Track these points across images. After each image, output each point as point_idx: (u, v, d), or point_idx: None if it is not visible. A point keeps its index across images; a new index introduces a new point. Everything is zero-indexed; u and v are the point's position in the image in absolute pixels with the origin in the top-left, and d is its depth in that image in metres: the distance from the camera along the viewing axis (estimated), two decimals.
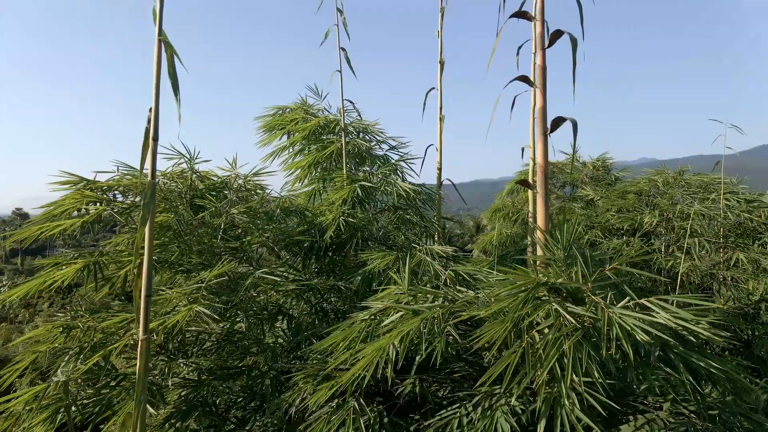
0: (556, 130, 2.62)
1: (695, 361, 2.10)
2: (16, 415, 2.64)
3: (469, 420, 2.67)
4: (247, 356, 3.35)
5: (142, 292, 1.74)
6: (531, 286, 2.21)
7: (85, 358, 2.85)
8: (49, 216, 3.39)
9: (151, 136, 1.68)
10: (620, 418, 2.44)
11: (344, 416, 2.71)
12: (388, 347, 2.43)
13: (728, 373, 2.16)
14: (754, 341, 5.81)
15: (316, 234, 4.03)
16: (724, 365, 2.13)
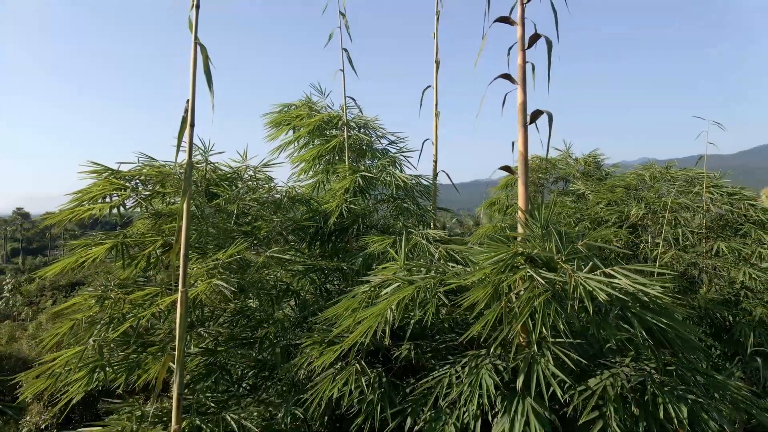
0: (535, 121, 2.97)
1: (649, 320, 2.44)
2: (57, 375, 2.99)
3: (458, 378, 3.01)
4: (259, 329, 3.69)
5: (181, 252, 2.08)
6: (509, 255, 2.55)
7: (116, 327, 3.19)
8: (78, 201, 3.73)
9: (189, 123, 2.02)
10: (589, 373, 2.79)
11: (347, 376, 3.06)
12: (386, 312, 2.78)
13: (679, 332, 2.51)
14: (735, 326, 6.13)
15: (321, 220, 4.38)
16: (675, 324, 2.48)
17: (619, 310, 2.46)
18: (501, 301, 2.49)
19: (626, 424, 2.65)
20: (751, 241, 6.52)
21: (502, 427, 2.84)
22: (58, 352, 3.00)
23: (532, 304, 2.36)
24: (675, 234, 6.65)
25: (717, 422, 2.60)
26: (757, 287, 6.16)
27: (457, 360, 3.11)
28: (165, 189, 3.96)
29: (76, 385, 2.98)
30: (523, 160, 3.00)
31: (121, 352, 3.19)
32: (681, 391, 2.62)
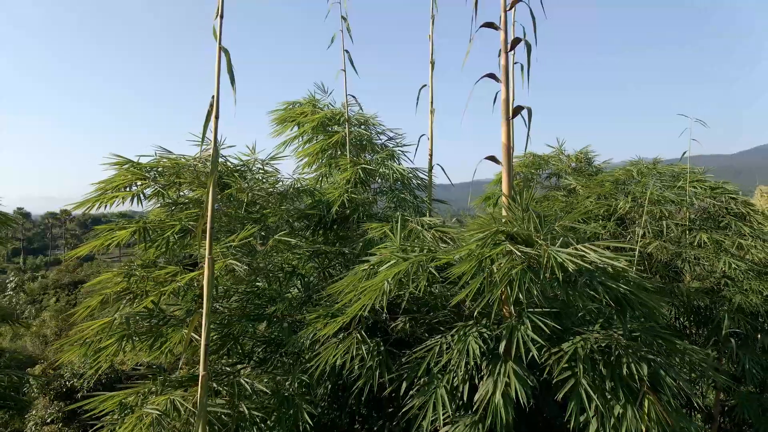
0: (516, 116, 3.33)
1: (613, 287, 2.80)
2: (89, 342, 3.34)
3: (448, 347, 3.37)
4: (268, 306, 4.05)
5: (207, 225, 2.43)
6: (492, 232, 2.91)
7: (140, 301, 3.55)
8: (103, 190, 4.09)
9: (214, 115, 2.38)
10: (563, 339, 3.14)
11: (349, 344, 3.42)
12: (383, 285, 3.13)
13: (640, 298, 2.86)
14: (715, 313, 6.48)
15: (324, 209, 4.74)
16: (636, 291, 2.83)
17: (587, 279, 2.82)
18: (484, 273, 2.84)
19: (595, 382, 3.01)
20: (732, 233, 6.87)
21: (487, 388, 3.20)
22: (91, 321, 3.36)
23: (510, 273, 2.72)
24: (660, 226, 6.99)
25: (675, 380, 2.95)
26: (738, 276, 6.51)
27: (447, 331, 3.46)
28: (181, 179, 4.32)
29: (107, 351, 3.34)
30: (506, 150, 3.35)
31: (146, 324, 3.55)
32: (643, 353, 2.97)
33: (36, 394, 21.52)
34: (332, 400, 4.09)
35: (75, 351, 3.47)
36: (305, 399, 3.49)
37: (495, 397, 3.11)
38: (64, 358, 3.59)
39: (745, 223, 6.92)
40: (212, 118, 2.39)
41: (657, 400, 3.00)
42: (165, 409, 3.01)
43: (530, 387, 3.12)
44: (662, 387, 3.00)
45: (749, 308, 6.21)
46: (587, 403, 2.97)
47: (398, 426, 3.82)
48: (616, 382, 2.97)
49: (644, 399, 3.01)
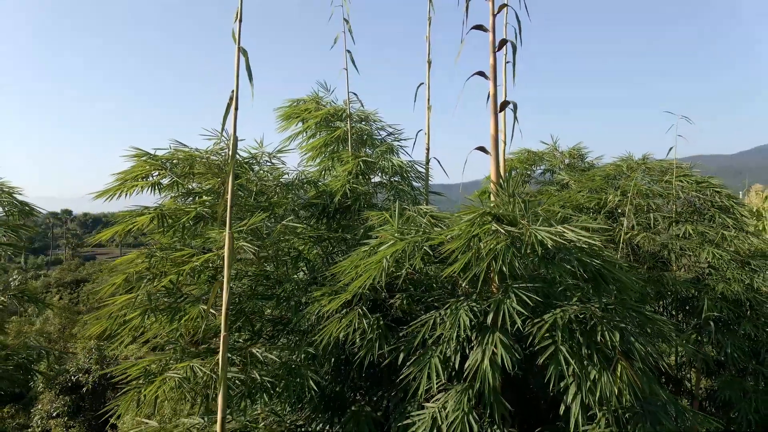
0: (504, 110, 3.67)
1: (587, 261, 3.13)
2: (114, 317, 3.68)
3: (442, 320, 3.70)
4: (276, 287, 4.39)
5: (228, 204, 2.77)
6: (479, 214, 3.25)
7: (160, 281, 3.89)
8: (123, 179, 4.42)
9: (234, 107, 2.72)
10: (544, 311, 3.47)
11: (351, 318, 3.76)
12: (383, 262, 3.47)
13: (612, 272, 3.19)
14: (700, 301, 6.80)
15: (327, 199, 5.07)
16: (609, 265, 3.17)
17: (564, 255, 3.16)
18: (472, 249, 3.18)
19: (573, 349, 3.34)
20: (716, 225, 7.20)
21: (476, 357, 3.53)
22: (117, 296, 3.70)
23: (495, 249, 3.05)
24: (647, 219, 7.31)
25: (644, 346, 3.29)
26: (721, 266, 6.83)
27: (441, 307, 3.80)
28: (194, 170, 4.66)
29: (132, 324, 3.68)
30: (494, 141, 3.69)
31: (165, 300, 3.88)
32: (616, 322, 3.30)
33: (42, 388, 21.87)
34: (336, 373, 4.42)
35: (101, 324, 3.81)
36: (311, 369, 3.83)
37: (483, 364, 3.44)
38: (91, 331, 3.92)
39: (729, 215, 7.25)
40: (232, 109, 2.73)
41: (629, 365, 3.34)
42: (185, 375, 3.35)
43: (515, 355, 3.46)
44: (633, 354, 3.33)
45: (732, 296, 6.53)
46: (565, 368, 3.31)
47: (396, 396, 4.15)
48: (592, 349, 3.31)
49: (617, 365, 3.35)
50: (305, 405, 4.32)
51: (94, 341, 21.67)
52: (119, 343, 3.89)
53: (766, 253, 7.29)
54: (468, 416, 3.57)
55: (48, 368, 17.86)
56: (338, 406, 4.29)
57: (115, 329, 3.79)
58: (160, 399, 3.33)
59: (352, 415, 4.06)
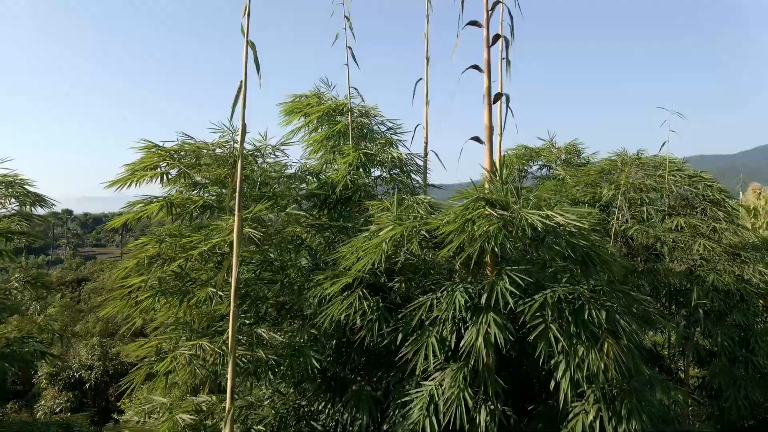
0: (497, 101, 3.85)
1: (574, 242, 3.32)
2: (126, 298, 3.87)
3: (438, 302, 3.89)
4: (281, 273, 4.58)
5: (237, 188, 2.95)
6: (473, 199, 3.44)
7: (170, 264, 4.07)
8: (133, 170, 4.61)
9: (242, 96, 2.90)
10: (536, 292, 3.66)
11: (352, 299, 3.95)
12: (382, 245, 3.66)
13: (598, 252, 3.38)
14: (690, 290, 6.98)
15: (329, 190, 5.26)
16: (595, 246, 3.35)
17: (553, 237, 3.34)
18: (466, 231, 3.37)
19: (562, 327, 3.53)
20: (707, 218, 7.38)
21: (470, 335, 3.72)
22: (131, 278, 3.89)
23: (487, 231, 3.24)
24: (641, 212, 7.49)
25: (629, 324, 3.47)
26: (713, 258, 7.02)
27: (438, 288, 3.98)
28: (201, 161, 4.85)
29: (144, 304, 3.87)
30: (487, 131, 3.88)
31: (175, 284, 4.07)
32: (602, 301, 3.49)
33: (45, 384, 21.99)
34: (337, 356, 4.61)
35: (115, 304, 4.00)
36: (313, 349, 4.02)
37: (477, 342, 3.63)
38: (106, 311, 4.11)
39: (720, 208, 7.43)
40: (241, 97, 2.92)
41: (615, 343, 3.52)
42: (195, 352, 3.54)
43: (508, 335, 3.64)
44: (619, 332, 3.52)
45: (722, 287, 6.71)
46: (555, 345, 3.50)
47: (395, 376, 4.34)
48: (580, 327, 3.49)
49: (604, 342, 3.54)
50: (308, 386, 4.51)
51: (97, 338, 21.86)
52: (131, 324, 4.07)
53: (757, 245, 7.47)
54: (463, 392, 3.76)
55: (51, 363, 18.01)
56: (339, 387, 4.48)
57: (129, 309, 3.98)
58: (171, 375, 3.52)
59: (353, 395, 4.25)
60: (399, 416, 3.95)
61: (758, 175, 21.68)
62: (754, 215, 14.15)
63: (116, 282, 4.09)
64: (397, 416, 3.96)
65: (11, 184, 5.25)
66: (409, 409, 3.88)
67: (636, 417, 3.64)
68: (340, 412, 4.34)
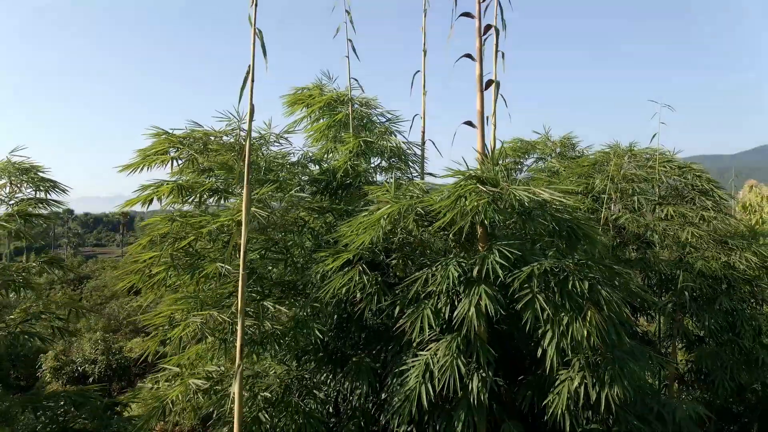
0: (489, 88, 4.11)
1: (559, 216, 3.57)
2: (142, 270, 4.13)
3: (434, 276, 4.14)
4: (285, 253, 4.83)
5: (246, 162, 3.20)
6: (465, 177, 3.69)
7: (180, 242, 4.33)
8: (144, 154, 4.86)
9: (251, 78, 3.16)
10: (524, 265, 3.91)
11: (353, 274, 4.20)
12: (380, 221, 3.91)
13: (581, 227, 3.63)
14: (678, 277, 7.23)
15: (330, 175, 5.52)
16: (578, 221, 3.60)
17: (539, 212, 3.60)
18: (458, 207, 3.62)
19: (548, 296, 3.78)
20: (696, 207, 7.63)
21: (463, 306, 3.98)
22: (146, 253, 4.15)
23: (477, 205, 3.50)
24: (632, 201, 7.74)
25: (610, 294, 3.73)
26: (701, 245, 7.26)
27: (433, 264, 4.24)
28: (209, 147, 5.10)
29: (157, 277, 4.12)
30: (480, 116, 4.14)
31: (186, 259, 4.33)
32: (585, 273, 3.74)
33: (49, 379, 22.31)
34: (338, 331, 4.86)
35: (130, 279, 4.26)
36: (316, 322, 4.27)
37: (470, 312, 3.88)
38: (120, 285, 4.37)
39: (708, 198, 7.68)
40: (249, 81, 3.17)
41: (597, 312, 3.78)
42: (205, 320, 3.79)
43: (499, 306, 3.90)
44: (602, 303, 3.77)
45: (710, 273, 6.96)
46: (540, 314, 3.75)
47: (393, 349, 4.60)
48: (564, 297, 3.75)
49: (588, 312, 3.79)
50: (310, 359, 4.77)
51: (101, 332, 22.16)
52: (144, 300, 4.33)
53: (744, 233, 7.71)
54: (456, 360, 4.01)
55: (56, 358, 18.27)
56: (340, 360, 4.73)
57: (142, 282, 4.24)
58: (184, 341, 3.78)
59: (353, 366, 4.50)
60: (396, 384, 4.20)
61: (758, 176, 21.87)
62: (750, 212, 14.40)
63: (131, 258, 4.35)
64: (395, 384, 4.21)
65: (27, 171, 5.48)
66: (406, 377, 4.13)
67: (618, 383, 3.89)
68: (341, 382, 4.59)
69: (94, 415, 4.47)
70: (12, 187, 5.33)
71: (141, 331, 22.85)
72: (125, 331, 22.85)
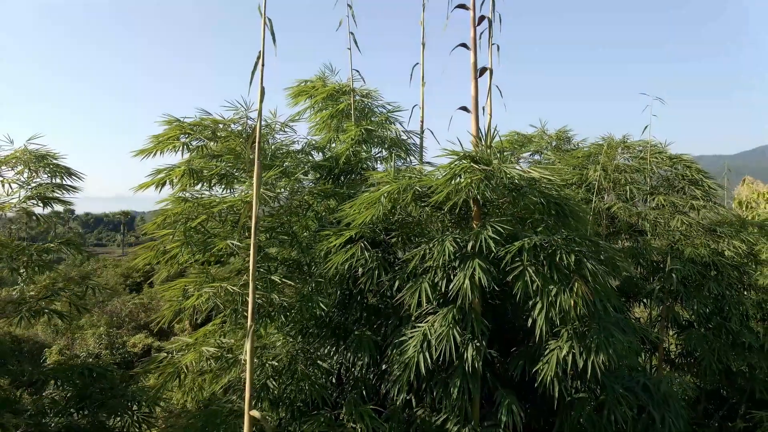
0: (482, 75, 4.38)
1: (546, 192, 3.85)
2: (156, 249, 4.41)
3: (430, 251, 4.41)
4: (290, 234, 5.11)
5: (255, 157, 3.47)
6: (460, 156, 3.97)
7: (193, 223, 4.61)
8: (158, 140, 5.14)
9: (261, 63, 3.43)
10: (515, 239, 4.18)
11: (355, 250, 4.47)
12: (381, 198, 4.19)
13: (569, 204, 3.90)
14: (667, 263, 7.50)
15: (333, 162, 5.79)
16: (565, 198, 3.88)
17: (528, 189, 3.87)
18: (452, 184, 3.90)
19: (537, 269, 4.06)
20: (686, 196, 7.91)
21: (458, 279, 4.24)
22: (163, 230, 4.44)
23: (471, 182, 3.77)
24: (624, 191, 8.01)
25: (595, 266, 4.00)
26: (691, 233, 7.54)
27: (431, 240, 4.51)
28: (218, 133, 5.38)
29: (171, 253, 4.40)
30: (474, 102, 4.41)
31: (198, 236, 4.61)
32: (571, 248, 4.01)
33: None
34: (341, 306, 5.13)
35: (146, 255, 4.54)
36: (321, 295, 4.55)
37: (464, 284, 4.15)
38: (137, 261, 4.65)
39: (698, 187, 7.96)
40: (260, 65, 3.44)
41: (584, 283, 4.04)
42: (216, 291, 4.07)
43: (491, 279, 4.17)
44: (587, 275, 4.04)
45: (699, 259, 7.24)
46: (530, 285, 4.02)
47: (393, 323, 4.87)
48: (553, 269, 4.02)
49: (575, 283, 4.06)
50: (315, 333, 5.04)
51: (104, 327, 22.44)
52: (158, 276, 4.60)
53: (733, 221, 7.99)
54: (452, 330, 4.28)
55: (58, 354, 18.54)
56: (343, 334, 5.00)
57: (158, 258, 4.52)
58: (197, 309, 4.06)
59: (355, 338, 4.77)
60: (396, 354, 4.46)
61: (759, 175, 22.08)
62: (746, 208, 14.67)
63: (147, 235, 4.63)
64: (395, 354, 4.48)
65: (43, 157, 5.76)
66: (405, 347, 4.40)
67: (603, 350, 4.16)
68: (343, 354, 4.86)
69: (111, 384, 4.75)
70: (30, 173, 5.61)
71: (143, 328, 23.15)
72: (128, 328, 23.14)
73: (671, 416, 4.83)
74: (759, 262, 8.15)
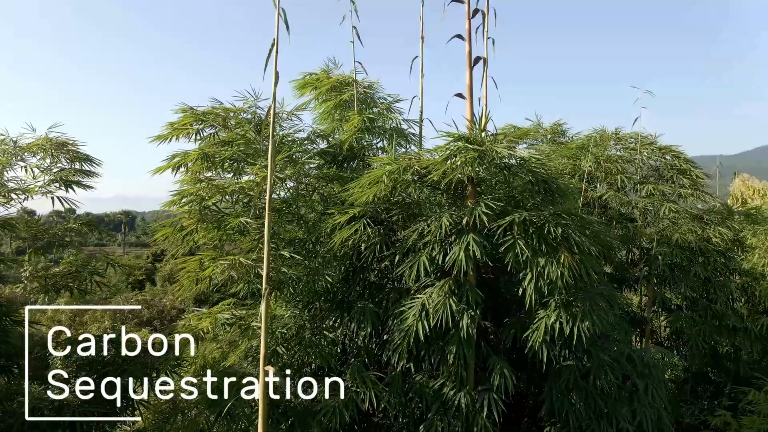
0: (477, 64, 4.73)
1: (535, 170, 4.19)
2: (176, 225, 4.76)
3: (428, 226, 4.76)
4: (297, 215, 5.46)
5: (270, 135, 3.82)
6: (455, 138, 4.32)
7: (206, 203, 4.95)
8: (173, 127, 5.49)
9: (275, 50, 3.78)
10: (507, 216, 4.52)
11: (358, 226, 4.82)
12: (383, 176, 4.53)
13: (556, 182, 4.25)
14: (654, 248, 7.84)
15: (337, 148, 6.14)
16: (551, 176, 4.22)
17: (518, 167, 4.22)
18: (448, 163, 4.25)
19: (527, 242, 4.40)
20: (675, 185, 8.26)
21: (454, 252, 4.59)
22: (179, 206, 4.80)
23: (465, 161, 4.12)
24: (615, 180, 8.36)
25: (580, 238, 4.35)
26: (679, 220, 7.89)
27: (430, 217, 4.86)
28: (228, 122, 5.72)
29: (189, 228, 4.75)
30: (468, 89, 4.76)
31: (213, 215, 4.96)
32: (558, 222, 4.36)
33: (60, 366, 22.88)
34: (345, 281, 5.48)
35: (165, 231, 4.89)
36: (326, 269, 4.90)
37: (460, 256, 4.50)
38: (156, 237, 5.00)
39: (686, 177, 8.30)
40: (274, 51, 3.80)
41: (570, 255, 4.39)
42: (231, 263, 4.42)
43: (484, 252, 4.51)
44: (573, 247, 4.39)
45: (686, 244, 7.59)
46: (521, 256, 4.37)
47: (393, 297, 5.22)
48: (541, 242, 4.37)
49: (561, 255, 4.41)
50: (320, 306, 5.39)
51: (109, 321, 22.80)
52: (174, 252, 4.94)
53: (720, 210, 8.33)
54: (448, 299, 4.63)
55: None
56: (347, 307, 5.35)
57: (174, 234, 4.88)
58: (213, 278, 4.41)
59: (359, 310, 5.12)
60: (396, 323, 4.81)
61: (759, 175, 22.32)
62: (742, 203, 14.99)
63: (164, 212, 4.97)
64: (395, 324, 4.83)
65: (63, 144, 6.11)
66: (405, 316, 4.74)
67: (588, 318, 4.51)
68: (347, 325, 5.21)
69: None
70: (53, 158, 5.95)
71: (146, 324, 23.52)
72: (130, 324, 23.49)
73: (653, 384, 5.18)
74: (744, 248, 8.50)
